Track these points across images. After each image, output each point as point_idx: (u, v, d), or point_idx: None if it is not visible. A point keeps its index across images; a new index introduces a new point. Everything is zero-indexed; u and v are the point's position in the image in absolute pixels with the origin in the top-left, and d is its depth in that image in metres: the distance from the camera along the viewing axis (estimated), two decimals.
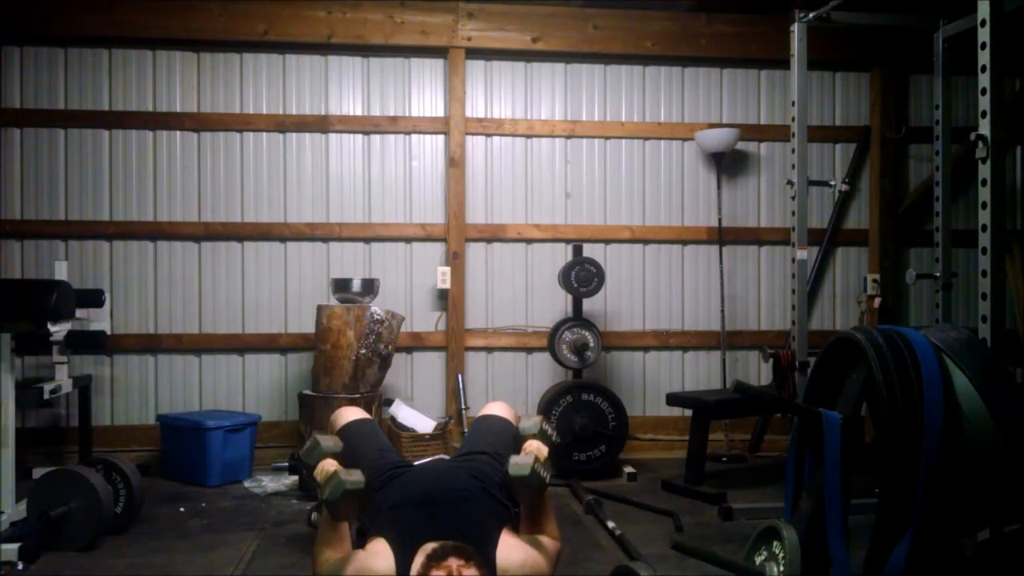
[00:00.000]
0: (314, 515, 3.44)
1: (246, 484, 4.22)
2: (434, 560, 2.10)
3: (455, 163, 4.81)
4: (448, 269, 4.79)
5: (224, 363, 4.73)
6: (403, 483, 2.54)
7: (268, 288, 4.77)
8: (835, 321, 5.14)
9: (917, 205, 5.08)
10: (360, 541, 2.51)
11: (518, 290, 4.93)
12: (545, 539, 2.48)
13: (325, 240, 4.80)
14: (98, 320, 4.16)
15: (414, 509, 2.39)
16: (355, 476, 2.43)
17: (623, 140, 5.01)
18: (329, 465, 2.59)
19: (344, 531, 2.50)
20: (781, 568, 2.33)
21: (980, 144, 2.78)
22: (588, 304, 4.68)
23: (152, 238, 4.70)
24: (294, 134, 4.80)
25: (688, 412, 4.51)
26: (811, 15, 3.82)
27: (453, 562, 2.08)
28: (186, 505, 3.83)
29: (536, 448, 2.63)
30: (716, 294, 4.96)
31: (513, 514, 2.55)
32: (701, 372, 5.05)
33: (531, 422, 2.75)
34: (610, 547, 3.20)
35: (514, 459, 2.48)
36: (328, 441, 2.71)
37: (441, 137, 4.88)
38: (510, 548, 2.31)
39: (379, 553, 2.27)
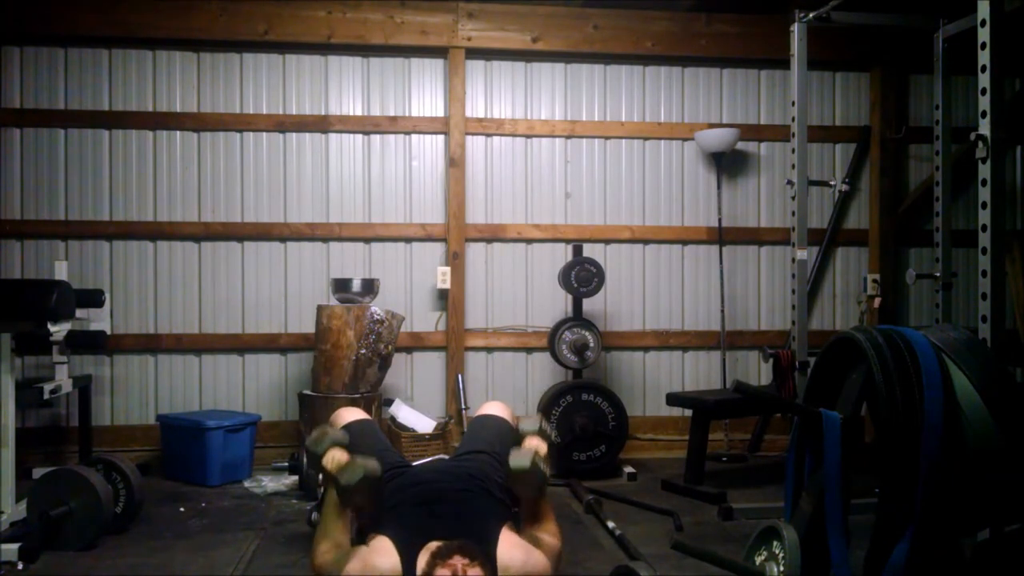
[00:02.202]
0: (314, 515, 3.44)
1: (246, 484, 4.22)
2: (439, 559, 2.10)
3: (455, 163, 4.81)
4: (448, 269, 4.79)
5: (224, 363, 4.73)
6: (403, 483, 2.54)
7: (268, 288, 4.77)
8: (835, 321, 5.14)
9: (917, 205, 5.08)
10: (359, 540, 2.50)
11: (518, 290, 4.93)
12: (546, 536, 2.48)
13: (325, 240, 4.80)
14: (98, 320, 4.15)
15: (415, 509, 2.39)
16: (371, 463, 2.43)
17: (623, 140, 5.01)
18: (339, 454, 2.59)
19: (347, 522, 2.49)
20: (781, 568, 2.34)
21: (980, 144, 2.78)
22: (588, 304, 4.68)
23: (152, 238, 4.70)
24: (294, 134, 4.80)
25: (688, 412, 4.51)
26: (811, 15, 3.81)
27: (458, 561, 2.09)
28: (186, 505, 3.83)
29: (536, 444, 2.64)
30: (716, 294, 4.96)
31: (513, 513, 2.55)
32: (701, 372, 5.05)
33: (531, 421, 2.78)
34: (610, 547, 3.20)
35: (515, 452, 2.49)
36: (336, 432, 2.73)
37: (441, 137, 4.88)
38: (511, 546, 2.31)
39: (384, 551, 2.26)
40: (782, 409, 4.39)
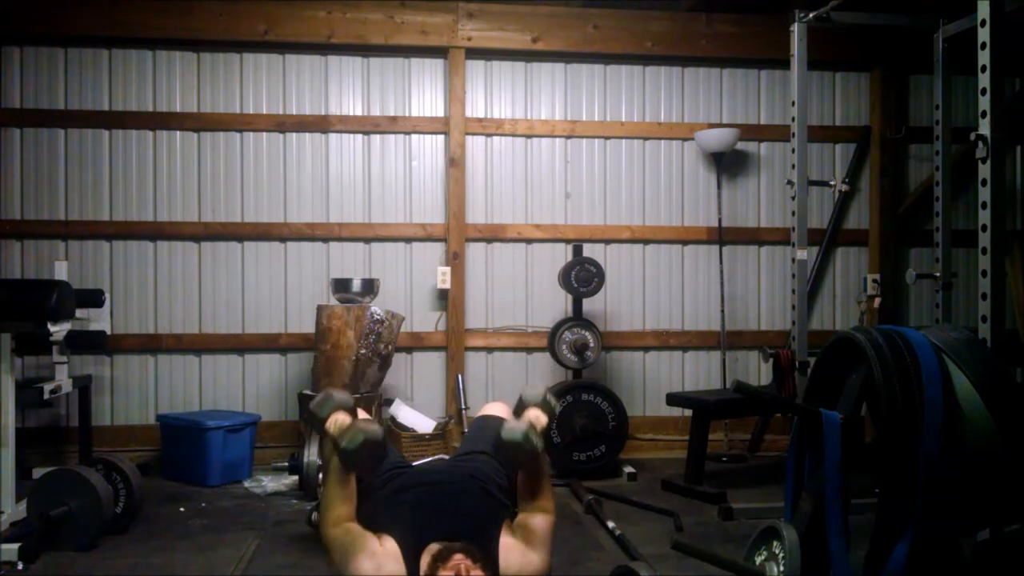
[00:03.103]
0: (314, 515, 3.44)
1: (246, 484, 4.22)
2: (440, 560, 2.10)
3: (455, 163, 4.81)
4: (448, 269, 4.79)
5: (224, 363, 4.73)
6: (403, 484, 2.53)
7: (268, 288, 4.77)
8: (835, 321, 5.14)
9: (917, 205, 5.08)
10: (359, 515, 2.47)
11: (518, 290, 4.93)
12: (537, 520, 2.42)
13: (325, 240, 4.80)
14: (98, 320, 4.16)
15: (415, 510, 2.39)
16: (373, 427, 2.38)
17: (623, 140, 5.01)
18: (342, 417, 2.53)
19: (353, 487, 2.44)
20: (781, 568, 2.34)
21: (980, 144, 2.78)
22: (588, 304, 4.68)
23: (152, 238, 4.70)
24: (294, 134, 4.80)
25: (688, 412, 4.51)
26: (811, 15, 3.82)
27: (460, 561, 2.09)
28: (186, 505, 3.83)
29: (535, 417, 2.59)
30: (716, 294, 4.96)
31: (513, 512, 2.54)
32: (701, 372, 5.05)
33: (535, 391, 2.71)
34: (610, 547, 3.20)
35: (508, 424, 2.41)
36: (341, 394, 2.64)
37: (441, 137, 4.88)
38: (507, 549, 2.31)
39: (391, 554, 2.24)
40: (782, 409, 4.39)
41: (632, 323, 5.00)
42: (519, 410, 2.69)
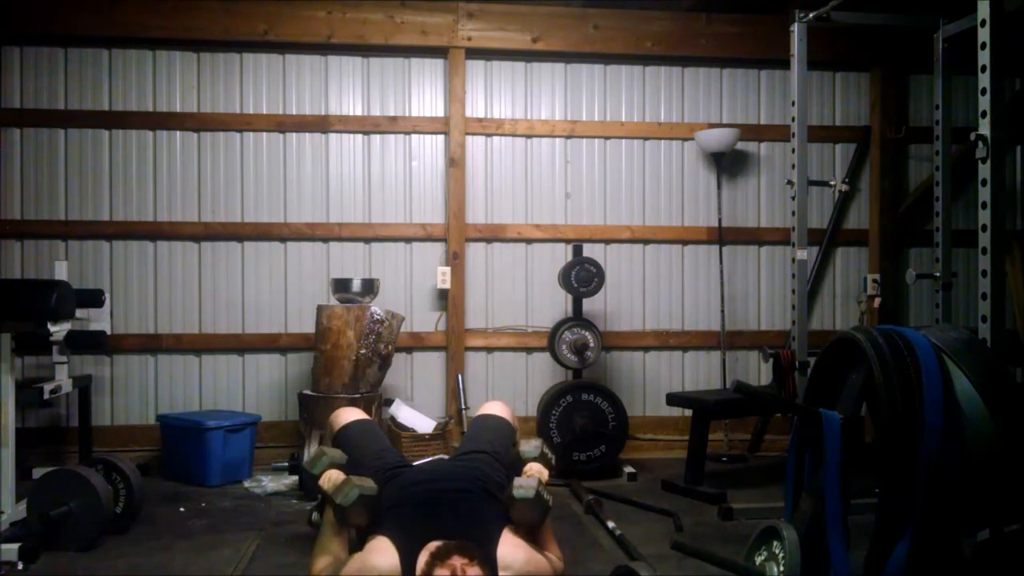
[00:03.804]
0: (314, 515, 3.44)
1: (246, 484, 4.22)
2: (438, 559, 2.10)
3: (455, 163, 4.81)
4: (448, 269, 4.79)
5: (224, 363, 4.73)
6: (402, 483, 2.54)
7: (268, 288, 4.77)
8: (835, 321, 5.14)
9: (917, 205, 5.08)
10: (359, 540, 2.51)
11: (518, 290, 4.93)
12: (551, 558, 2.48)
13: (325, 240, 4.80)
14: (98, 320, 4.15)
15: (414, 509, 2.39)
16: (368, 483, 2.47)
17: (623, 140, 5.01)
18: (336, 474, 2.62)
19: (345, 539, 2.53)
20: (781, 568, 2.34)
21: (980, 144, 2.78)
22: (588, 304, 4.68)
23: (152, 238, 4.70)
24: (294, 134, 4.80)
25: (688, 412, 4.50)
26: (811, 15, 3.82)
27: (457, 561, 2.09)
28: (186, 505, 3.83)
29: (538, 471, 2.65)
30: (716, 294, 4.96)
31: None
32: (701, 372, 5.05)
33: (532, 445, 2.77)
34: (610, 547, 3.20)
35: (518, 481, 2.45)
36: (334, 452, 2.74)
37: (441, 137, 4.88)
38: (514, 547, 2.31)
39: (382, 550, 2.26)
40: (782, 409, 4.39)
41: (632, 323, 5.00)
42: (519, 465, 2.73)
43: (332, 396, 4.15)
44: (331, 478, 2.59)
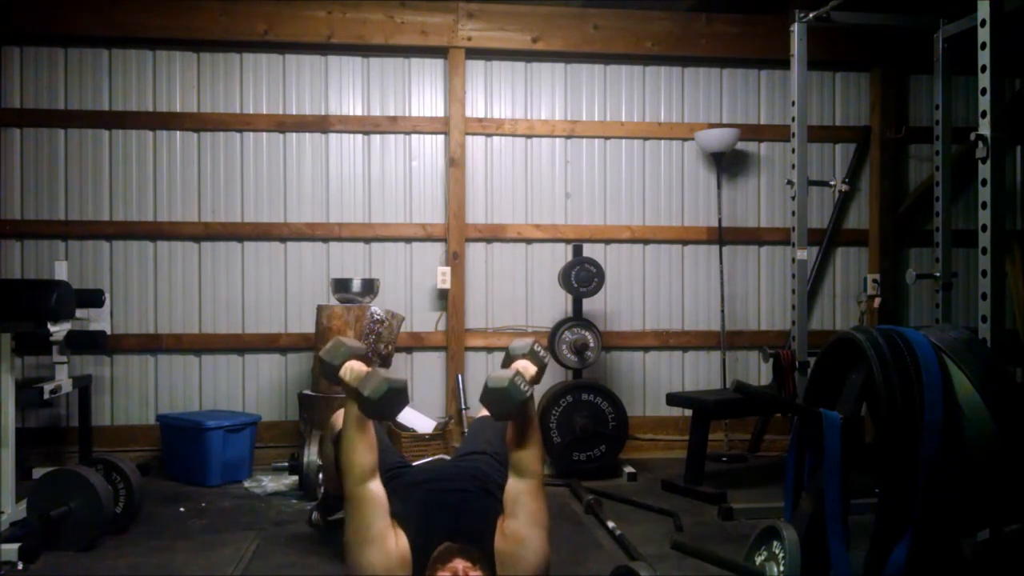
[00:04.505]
0: (314, 515, 3.44)
1: (246, 484, 4.22)
2: (439, 561, 2.10)
3: (455, 163, 4.81)
4: (448, 269, 4.79)
5: (224, 363, 4.73)
6: (403, 484, 2.53)
7: (268, 288, 4.77)
8: (835, 321, 5.14)
9: (917, 205, 5.08)
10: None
11: (518, 290, 4.93)
12: (524, 500, 2.32)
13: (325, 240, 4.80)
14: (98, 320, 4.15)
15: (415, 510, 2.39)
16: (396, 376, 2.32)
17: (623, 140, 5.01)
18: (357, 365, 2.48)
19: (373, 436, 2.38)
20: (781, 568, 2.33)
21: (980, 144, 2.78)
22: (588, 304, 4.68)
23: (152, 238, 4.70)
24: (294, 134, 4.80)
25: (688, 412, 4.51)
26: (811, 15, 3.82)
27: (459, 563, 2.08)
28: (186, 505, 3.83)
29: (522, 367, 2.56)
30: (716, 294, 4.96)
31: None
32: (701, 372, 5.05)
33: (523, 342, 2.68)
34: (610, 547, 3.20)
35: (493, 373, 2.35)
36: (352, 341, 2.57)
37: (441, 137, 4.88)
38: (499, 553, 2.27)
39: (402, 556, 2.21)
40: (782, 409, 4.39)
41: (632, 323, 5.00)
42: (507, 363, 2.64)
43: (332, 396, 4.14)
44: (353, 369, 2.46)
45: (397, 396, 2.29)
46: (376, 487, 2.32)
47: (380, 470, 2.61)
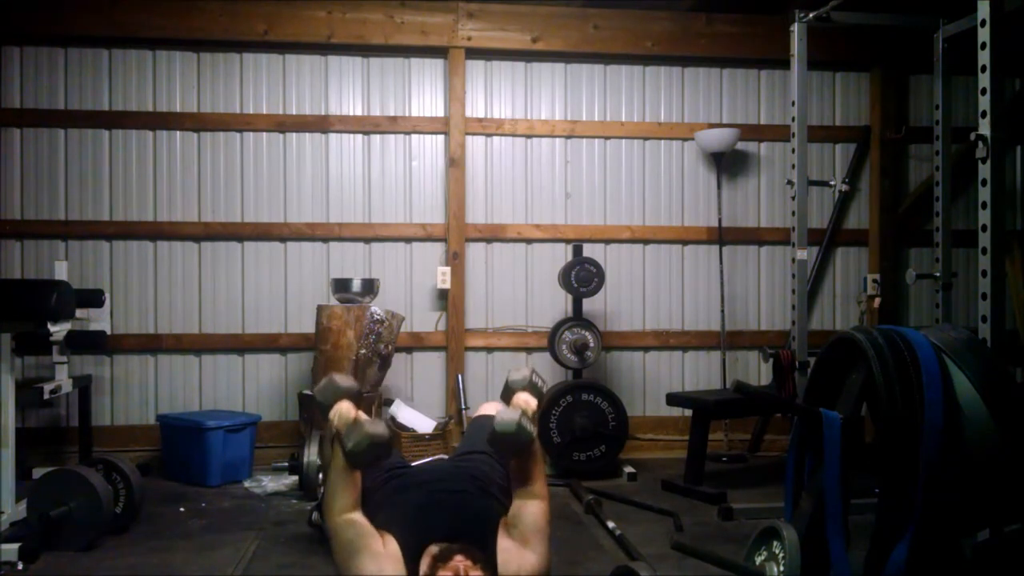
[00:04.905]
0: (314, 515, 3.44)
1: (246, 484, 4.22)
2: (440, 561, 2.09)
3: (455, 163, 4.81)
4: (448, 269, 4.79)
5: (224, 363, 4.73)
6: (403, 484, 2.53)
7: (268, 288, 4.77)
8: (835, 321, 5.14)
9: (917, 205, 5.08)
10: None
11: (518, 290, 4.93)
12: (531, 509, 2.36)
13: (325, 240, 4.80)
14: (98, 320, 4.15)
15: (415, 511, 2.38)
16: (379, 427, 2.35)
17: (623, 140, 5.01)
18: (346, 408, 2.49)
19: (358, 477, 2.42)
20: (781, 568, 2.33)
21: (980, 144, 2.78)
22: (588, 304, 4.68)
23: (152, 238, 4.70)
24: (294, 134, 4.80)
25: (688, 412, 4.50)
26: (811, 15, 3.82)
27: (459, 563, 2.08)
28: (186, 505, 3.83)
29: (524, 402, 2.56)
30: (716, 294, 4.96)
31: (506, 507, 2.52)
32: (701, 372, 5.05)
33: (520, 374, 2.67)
34: (610, 547, 3.20)
35: (500, 414, 2.37)
36: (345, 380, 2.58)
37: (441, 137, 4.88)
38: (504, 551, 2.28)
39: (392, 556, 2.23)
40: (782, 409, 4.39)
41: (632, 323, 5.00)
42: (507, 395, 2.65)
43: None
44: (341, 412, 2.47)
45: (377, 450, 2.34)
46: (357, 516, 2.35)
47: (380, 470, 2.61)
